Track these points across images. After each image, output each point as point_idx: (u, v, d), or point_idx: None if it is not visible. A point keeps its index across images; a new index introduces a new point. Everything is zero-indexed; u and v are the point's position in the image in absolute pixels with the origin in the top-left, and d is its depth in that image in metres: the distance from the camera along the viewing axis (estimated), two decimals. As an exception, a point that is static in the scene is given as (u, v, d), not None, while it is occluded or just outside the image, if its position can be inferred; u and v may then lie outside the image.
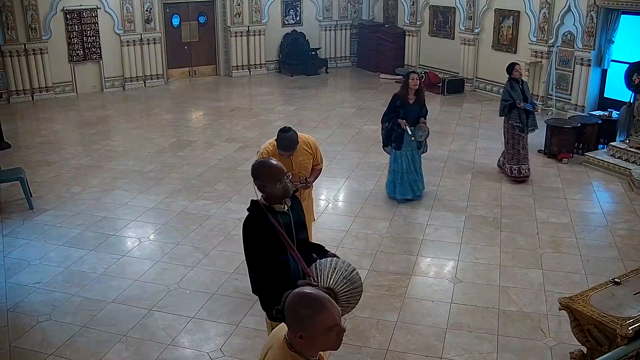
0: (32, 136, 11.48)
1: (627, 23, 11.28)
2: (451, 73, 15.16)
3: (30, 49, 13.65)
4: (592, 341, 4.18)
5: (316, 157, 5.48)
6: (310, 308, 2.38)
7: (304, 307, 2.38)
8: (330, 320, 2.38)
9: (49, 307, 5.80)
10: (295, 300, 2.41)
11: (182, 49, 16.10)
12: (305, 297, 2.42)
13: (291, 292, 2.46)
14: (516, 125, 8.67)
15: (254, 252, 3.81)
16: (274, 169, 3.79)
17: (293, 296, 2.43)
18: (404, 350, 5.16)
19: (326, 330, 2.38)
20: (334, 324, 2.39)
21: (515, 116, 8.64)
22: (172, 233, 7.36)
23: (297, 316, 2.39)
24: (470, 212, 7.89)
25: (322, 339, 2.40)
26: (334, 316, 2.39)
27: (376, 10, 18.02)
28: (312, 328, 2.37)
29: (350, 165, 9.61)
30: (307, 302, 2.40)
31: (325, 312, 2.37)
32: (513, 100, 8.59)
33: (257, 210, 3.82)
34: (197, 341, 5.30)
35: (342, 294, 3.59)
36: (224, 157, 10.07)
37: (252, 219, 3.83)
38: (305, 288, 2.52)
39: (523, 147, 8.77)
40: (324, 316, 2.37)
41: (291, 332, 2.42)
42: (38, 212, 7.92)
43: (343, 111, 13.07)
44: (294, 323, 2.40)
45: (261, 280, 3.81)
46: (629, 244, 7.06)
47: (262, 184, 3.80)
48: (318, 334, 2.38)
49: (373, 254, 6.79)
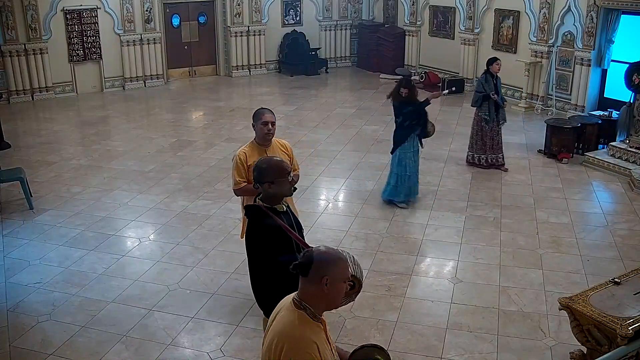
0: (32, 136, 11.48)
1: (627, 23, 11.29)
2: (451, 73, 15.16)
3: (30, 49, 13.65)
4: (592, 341, 4.18)
5: (292, 162, 5.35)
6: (338, 254, 2.73)
7: (334, 253, 2.72)
8: (347, 271, 2.74)
9: (49, 307, 5.80)
10: (325, 250, 2.72)
11: (182, 49, 16.10)
12: (331, 249, 2.76)
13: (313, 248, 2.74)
14: (484, 117, 9.14)
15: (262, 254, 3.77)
16: (284, 163, 3.86)
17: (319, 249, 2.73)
18: (404, 350, 5.16)
19: (345, 278, 2.71)
20: (349, 275, 2.78)
21: (485, 108, 9.14)
22: (172, 233, 7.36)
23: (329, 260, 2.67)
24: (470, 212, 7.89)
25: (339, 289, 2.68)
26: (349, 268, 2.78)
27: (376, 10, 18.02)
28: (336, 271, 2.66)
29: (350, 165, 9.61)
30: (334, 251, 2.75)
31: (346, 263, 2.74)
32: (486, 92, 8.96)
33: (258, 213, 3.80)
34: (197, 341, 5.30)
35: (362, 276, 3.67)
36: (224, 157, 10.06)
37: (255, 221, 3.81)
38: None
39: (491, 138, 9.25)
40: (346, 265, 2.73)
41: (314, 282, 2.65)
42: (38, 212, 7.93)
43: (343, 111, 13.07)
44: (321, 267, 2.64)
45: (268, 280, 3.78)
46: (629, 244, 7.06)
47: (271, 180, 3.78)
48: (340, 279, 2.67)
49: (373, 254, 6.79)
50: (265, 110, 5.23)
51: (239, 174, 5.07)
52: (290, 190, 3.89)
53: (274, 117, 5.20)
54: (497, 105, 9.10)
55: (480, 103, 9.13)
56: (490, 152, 9.30)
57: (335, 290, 2.67)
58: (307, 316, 2.66)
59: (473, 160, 9.44)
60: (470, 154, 9.48)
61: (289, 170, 3.84)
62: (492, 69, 9.05)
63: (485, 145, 9.29)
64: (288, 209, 3.93)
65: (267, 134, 5.13)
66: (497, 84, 9.13)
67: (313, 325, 2.67)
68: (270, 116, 5.16)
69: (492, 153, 9.31)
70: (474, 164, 9.43)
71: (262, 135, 5.16)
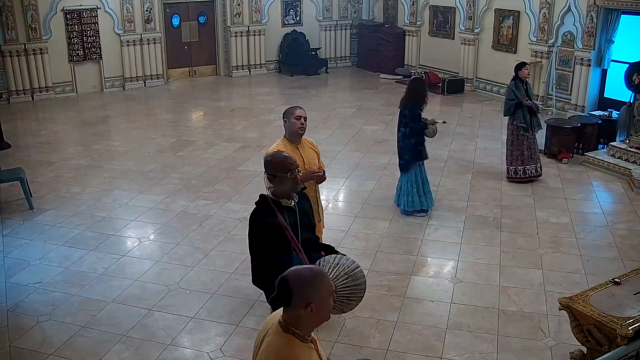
0: (32, 136, 11.48)
1: (627, 23, 11.28)
2: (451, 73, 15.16)
3: (30, 49, 13.65)
4: (592, 341, 4.18)
5: (319, 159, 5.48)
6: (315, 275, 2.55)
7: (310, 275, 2.54)
8: (331, 286, 2.59)
9: (49, 307, 5.79)
10: (299, 273, 2.54)
11: (182, 49, 16.10)
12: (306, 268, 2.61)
13: (285, 274, 2.54)
14: (521, 126, 8.62)
15: (258, 248, 3.87)
16: (288, 159, 3.91)
17: (293, 272, 2.54)
18: (404, 350, 5.16)
19: (329, 295, 2.56)
20: (333, 289, 2.61)
21: (519, 116, 8.59)
22: (172, 233, 7.36)
23: (307, 285, 2.50)
24: (470, 212, 7.89)
25: (326, 305, 2.55)
26: (330, 281, 2.61)
27: (376, 10, 18.02)
28: (319, 294, 2.51)
29: (350, 165, 9.61)
30: (310, 271, 2.58)
31: (326, 278, 2.60)
32: (518, 99, 8.52)
33: (264, 204, 3.87)
34: (197, 341, 5.30)
35: (342, 289, 3.55)
36: (224, 157, 10.07)
37: (259, 213, 3.89)
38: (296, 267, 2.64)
39: (528, 147, 8.70)
40: (327, 281, 2.58)
41: (298, 308, 2.50)
42: (38, 212, 7.92)
43: (343, 111, 13.07)
44: (303, 294, 2.49)
45: (263, 275, 3.85)
46: (629, 244, 7.06)
47: (273, 173, 3.86)
48: (325, 300, 2.53)
49: (373, 254, 6.79)
50: (296, 106, 5.28)
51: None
52: (293, 187, 3.90)
53: (305, 113, 5.23)
54: (531, 112, 8.63)
55: (513, 111, 8.60)
56: (529, 162, 8.72)
57: (323, 309, 2.56)
58: (297, 339, 2.55)
59: (516, 175, 8.77)
60: (513, 168, 8.79)
61: (291, 167, 3.86)
62: (521, 74, 8.57)
63: (523, 155, 8.69)
64: (296, 205, 3.95)
65: (300, 128, 5.16)
66: (528, 89, 8.69)
67: (304, 347, 2.57)
68: (302, 111, 5.19)
69: (531, 163, 8.75)
70: (516, 179, 8.79)
71: (294, 130, 5.17)
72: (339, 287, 3.55)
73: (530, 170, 8.79)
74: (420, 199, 7.68)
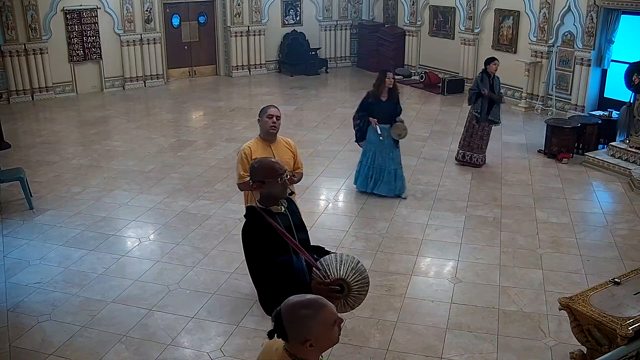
0: (32, 136, 11.48)
1: (627, 23, 11.29)
2: (451, 73, 15.16)
3: (30, 49, 13.65)
4: (592, 341, 4.18)
5: (296, 160, 5.41)
6: (310, 309, 2.35)
7: (304, 310, 2.35)
8: (332, 315, 2.38)
9: (49, 307, 5.79)
10: (292, 309, 2.36)
11: (182, 49, 16.11)
12: (300, 302, 2.39)
13: (280, 307, 2.39)
14: (475, 114, 9.19)
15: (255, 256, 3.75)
16: (276, 165, 3.83)
17: (286, 307, 2.38)
18: (404, 350, 5.16)
19: (331, 327, 2.37)
20: (335, 317, 2.39)
21: (477, 106, 9.17)
22: (172, 233, 7.36)
23: (301, 322, 2.34)
24: (470, 212, 7.89)
25: (329, 337, 2.38)
26: (332, 310, 2.39)
27: (376, 10, 18.02)
28: (318, 329, 2.34)
29: (350, 166, 9.59)
30: (304, 305, 2.37)
31: (325, 309, 2.37)
32: (479, 89, 9.03)
33: (254, 215, 3.79)
34: (197, 341, 5.30)
35: (354, 284, 3.54)
36: (224, 157, 10.07)
37: (251, 223, 3.80)
38: (292, 297, 2.44)
39: (480, 137, 9.29)
40: (326, 313, 2.36)
41: (297, 344, 2.36)
42: (38, 212, 7.92)
43: (343, 111, 13.06)
44: (298, 332, 2.34)
45: (265, 283, 3.76)
46: (629, 244, 7.06)
47: (262, 180, 3.78)
48: (325, 332, 2.36)
49: (373, 254, 6.79)
50: (271, 105, 5.32)
51: (244, 168, 5.07)
52: (283, 192, 3.83)
53: (279, 112, 5.27)
54: (490, 103, 9.12)
55: (474, 100, 9.19)
56: (476, 150, 9.37)
57: (326, 340, 2.40)
58: None
59: (463, 159, 9.49)
60: (461, 152, 9.52)
61: (280, 172, 3.78)
62: (488, 69, 9.12)
63: (472, 143, 9.36)
64: (287, 210, 3.91)
65: (272, 126, 5.18)
66: (495, 83, 9.17)
67: None
68: (275, 110, 5.22)
69: (477, 152, 9.39)
70: (462, 162, 9.49)
71: (266, 129, 5.20)
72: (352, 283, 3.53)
73: (475, 159, 9.40)
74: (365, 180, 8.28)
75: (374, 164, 8.22)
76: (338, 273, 3.54)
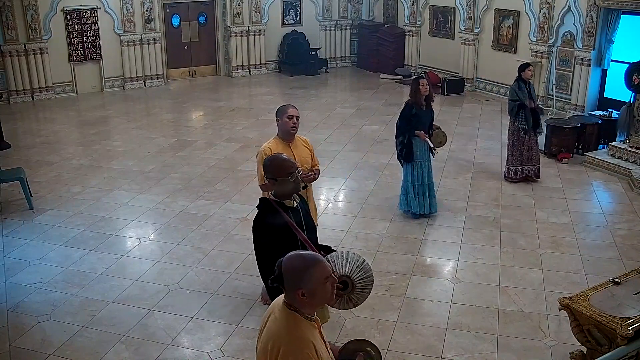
0: (32, 136, 11.48)
1: (627, 23, 11.28)
2: (451, 73, 15.16)
3: (30, 49, 13.64)
4: (592, 341, 4.18)
5: (313, 157, 5.51)
6: (304, 263, 2.62)
7: (300, 263, 2.62)
8: (324, 271, 2.63)
9: (49, 307, 5.79)
10: (291, 261, 2.63)
11: (182, 49, 16.10)
12: (298, 256, 2.66)
13: (283, 258, 2.65)
14: (522, 127, 8.61)
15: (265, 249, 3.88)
16: (288, 162, 3.95)
17: (287, 259, 2.65)
18: (404, 350, 5.16)
19: (323, 282, 2.62)
20: (328, 274, 2.64)
21: (521, 117, 8.56)
22: (172, 233, 7.36)
23: (296, 273, 2.60)
24: (470, 212, 7.89)
25: (320, 291, 2.62)
26: (326, 268, 2.65)
27: (376, 10, 18.02)
28: (310, 281, 2.59)
29: (350, 165, 9.61)
30: (301, 259, 2.64)
31: (319, 264, 2.63)
32: (521, 100, 8.49)
33: (267, 206, 3.88)
34: (197, 341, 5.30)
35: (358, 281, 3.64)
36: (224, 157, 10.07)
37: (263, 215, 3.91)
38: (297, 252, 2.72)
39: (528, 148, 8.70)
40: (319, 268, 2.62)
41: (292, 293, 2.62)
42: (38, 212, 7.92)
43: (343, 111, 13.07)
44: (293, 282, 2.60)
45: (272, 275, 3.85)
46: (629, 244, 7.05)
47: (273, 177, 3.89)
48: (316, 286, 2.60)
49: (373, 254, 6.79)
50: (289, 105, 5.33)
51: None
52: (295, 188, 3.95)
53: (298, 112, 5.29)
54: (534, 114, 8.60)
55: (516, 112, 8.58)
56: (527, 163, 8.74)
57: (318, 294, 2.63)
58: (300, 316, 2.66)
59: (515, 175, 8.78)
60: (513, 169, 8.81)
61: (291, 170, 3.90)
62: (524, 75, 8.52)
63: (522, 156, 8.72)
64: (299, 205, 3.99)
65: (293, 127, 5.21)
66: (531, 90, 8.65)
67: (307, 324, 2.67)
68: (295, 110, 5.25)
69: (529, 164, 8.76)
70: (514, 179, 8.80)
71: (287, 129, 5.22)
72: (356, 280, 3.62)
73: (529, 171, 8.80)
74: (409, 200, 7.56)
75: (424, 181, 7.57)
76: (343, 270, 3.63)
